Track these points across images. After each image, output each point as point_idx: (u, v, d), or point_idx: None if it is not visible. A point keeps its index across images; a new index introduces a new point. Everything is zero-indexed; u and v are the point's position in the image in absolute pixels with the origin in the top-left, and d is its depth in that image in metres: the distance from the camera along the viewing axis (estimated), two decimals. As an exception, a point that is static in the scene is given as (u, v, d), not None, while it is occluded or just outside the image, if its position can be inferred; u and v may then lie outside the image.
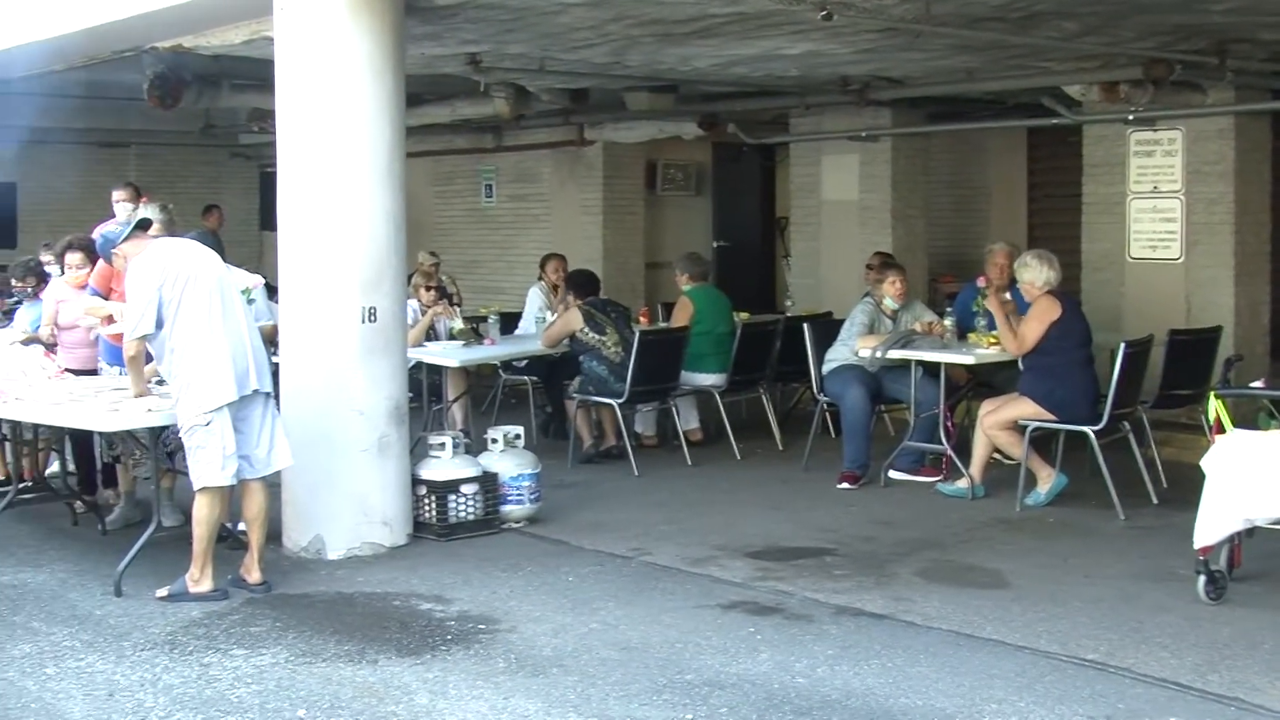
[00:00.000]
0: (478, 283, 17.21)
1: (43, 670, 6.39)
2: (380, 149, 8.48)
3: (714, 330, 11.68)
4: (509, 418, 11.11)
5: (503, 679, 6.22)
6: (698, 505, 9.78)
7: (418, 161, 15.50)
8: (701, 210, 18.24)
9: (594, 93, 14.15)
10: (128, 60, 11.87)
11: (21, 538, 8.91)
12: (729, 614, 7.17)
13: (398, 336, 8.70)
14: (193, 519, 7.42)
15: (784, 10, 9.06)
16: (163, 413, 7.58)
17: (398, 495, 8.58)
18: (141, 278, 7.35)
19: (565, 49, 11.09)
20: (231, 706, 5.92)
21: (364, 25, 8.36)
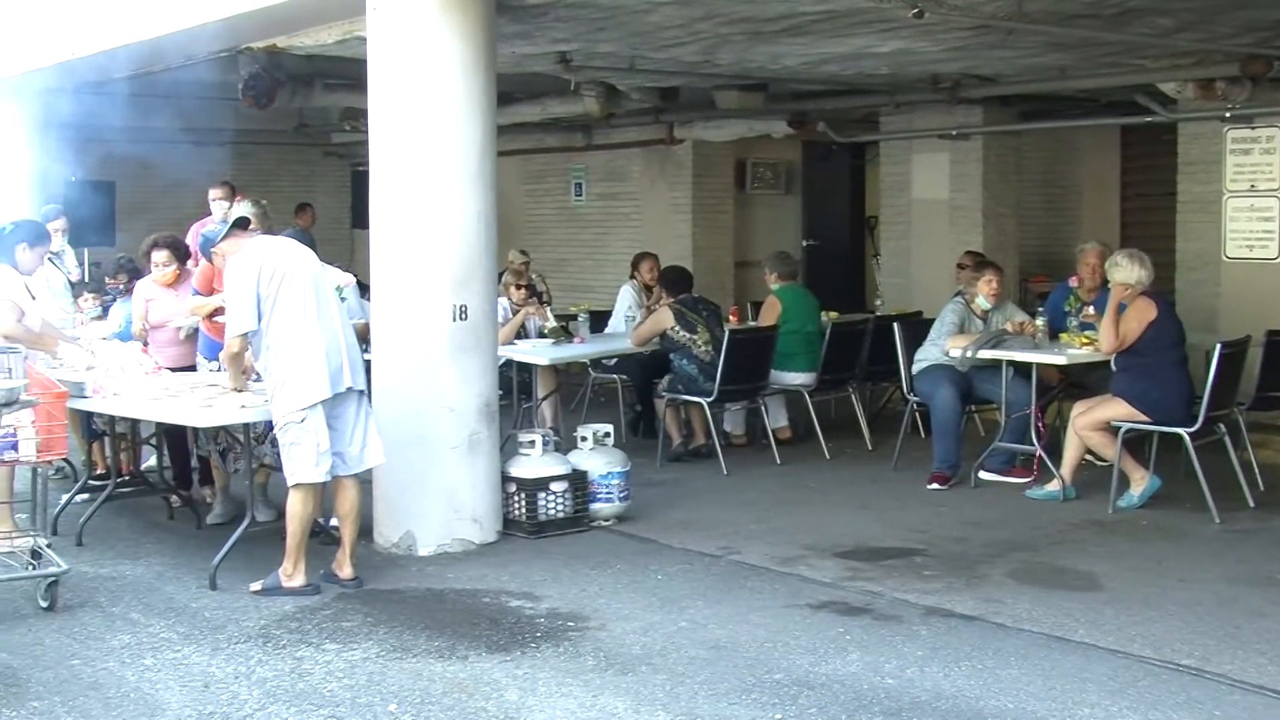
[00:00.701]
0: (567, 281, 17.27)
1: (141, 661, 6.49)
2: (471, 148, 8.53)
3: (803, 329, 11.65)
4: (598, 416, 11.13)
5: (591, 676, 6.24)
6: (786, 504, 9.75)
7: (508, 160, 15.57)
8: (791, 209, 18.20)
9: (684, 91, 14.16)
10: (223, 61, 12.02)
11: (120, 531, 9.05)
12: (818, 614, 7.14)
13: (488, 334, 8.74)
14: (286, 515, 7.49)
15: (874, 7, 9.03)
16: (256, 409, 7.69)
17: (488, 492, 8.62)
18: (239, 275, 7.44)
19: (655, 47, 11.10)
20: (323, 700, 5.98)
21: (455, 25, 8.41)
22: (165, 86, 13.84)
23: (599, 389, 13.16)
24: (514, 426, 10.82)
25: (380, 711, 5.84)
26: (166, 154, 17.84)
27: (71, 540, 8.62)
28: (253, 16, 9.90)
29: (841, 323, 12.12)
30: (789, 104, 14.58)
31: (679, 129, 16.38)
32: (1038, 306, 11.33)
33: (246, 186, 12.37)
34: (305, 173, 20.66)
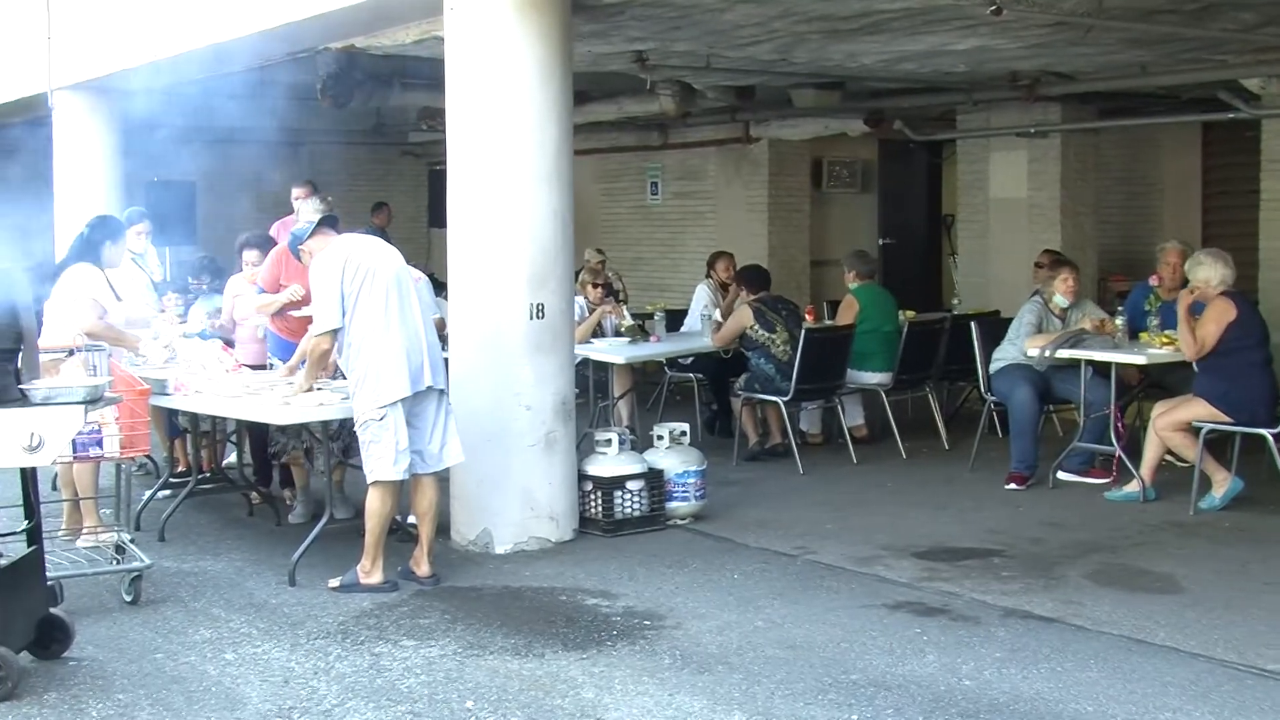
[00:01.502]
0: (643, 280, 17.28)
1: (222, 655, 6.56)
2: (547, 147, 8.56)
3: (880, 328, 11.62)
4: (674, 415, 11.14)
5: (668, 675, 6.24)
6: (863, 504, 9.72)
7: (584, 159, 15.61)
8: (867, 207, 18.12)
9: (760, 90, 14.13)
10: (302, 61, 12.11)
11: (201, 527, 9.16)
12: (895, 614, 7.12)
13: (565, 333, 8.77)
14: (365, 512, 7.55)
15: (953, 5, 8.98)
16: (334, 406, 7.75)
17: (564, 491, 8.65)
18: (324, 273, 7.51)
19: (731, 46, 11.09)
20: (401, 696, 6.02)
21: (531, 25, 8.44)
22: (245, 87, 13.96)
23: (675, 388, 13.16)
24: (590, 425, 10.85)
25: (457, 708, 5.88)
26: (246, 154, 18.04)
27: (154, 536, 8.74)
28: (332, 17, 9.97)
29: (918, 322, 12.06)
30: (865, 102, 14.52)
31: (755, 128, 16.35)
32: (1117, 306, 11.22)
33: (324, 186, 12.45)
34: (382, 172, 20.79)
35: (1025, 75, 12.77)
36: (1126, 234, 16.03)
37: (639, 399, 12.32)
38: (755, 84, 13.68)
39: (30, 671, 6.21)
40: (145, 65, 12.66)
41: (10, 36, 15.57)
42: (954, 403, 12.86)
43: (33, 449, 5.93)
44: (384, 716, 5.79)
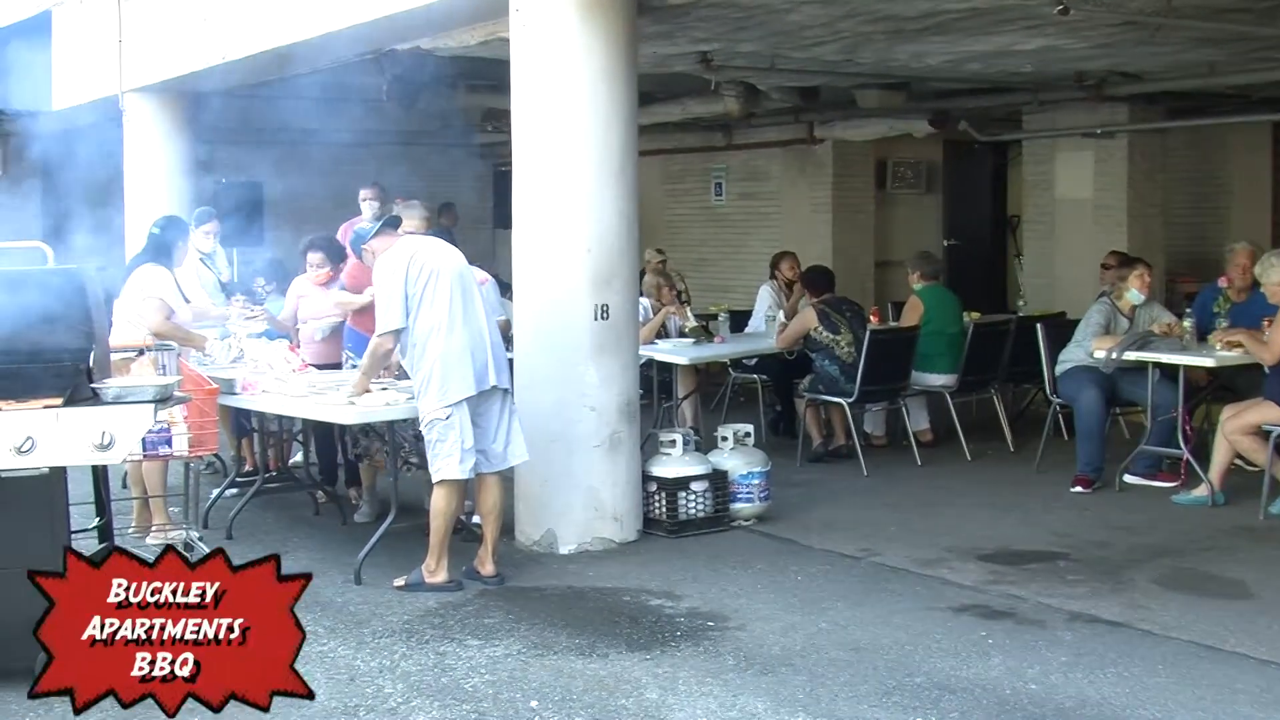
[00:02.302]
0: (707, 281, 17.28)
1: (288, 654, 6.61)
2: (612, 149, 8.57)
3: (944, 330, 11.56)
4: (738, 416, 11.13)
5: (731, 676, 6.24)
6: (927, 506, 9.68)
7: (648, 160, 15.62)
8: (932, 208, 18.05)
9: (824, 90, 14.11)
10: (369, 62, 12.19)
11: (267, 525, 9.24)
12: (960, 617, 7.09)
13: (629, 334, 8.78)
14: (430, 511, 7.58)
15: (1019, 5, 8.95)
16: (399, 406, 7.79)
17: (628, 491, 8.67)
18: (388, 273, 7.56)
19: (796, 47, 11.08)
20: (466, 695, 6.05)
21: (596, 26, 8.45)
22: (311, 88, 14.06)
23: (739, 389, 13.14)
24: (654, 426, 10.86)
25: (522, 708, 5.90)
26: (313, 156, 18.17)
27: (222, 534, 8.81)
28: (398, 19, 10.04)
29: (983, 323, 11.99)
30: (930, 102, 14.47)
31: (819, 128, 16.32)
32: (1185, 307, 11.13)
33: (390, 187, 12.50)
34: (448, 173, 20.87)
35: (1092, 75, 12.69)
36: (1194, 235, 15.88)
37: (703, 400, 12.32)
38: (820, 85, 13.67)
39: (101, 667, 6.28)
40: (214, 67, 12.79)
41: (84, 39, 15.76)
42: (1019, 405, 12.77)
43: (104, 447, 5.99)
44: (449, 715, 5.82)
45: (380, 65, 12.25)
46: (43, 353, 6.33)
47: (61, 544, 6.00)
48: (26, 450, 5.88)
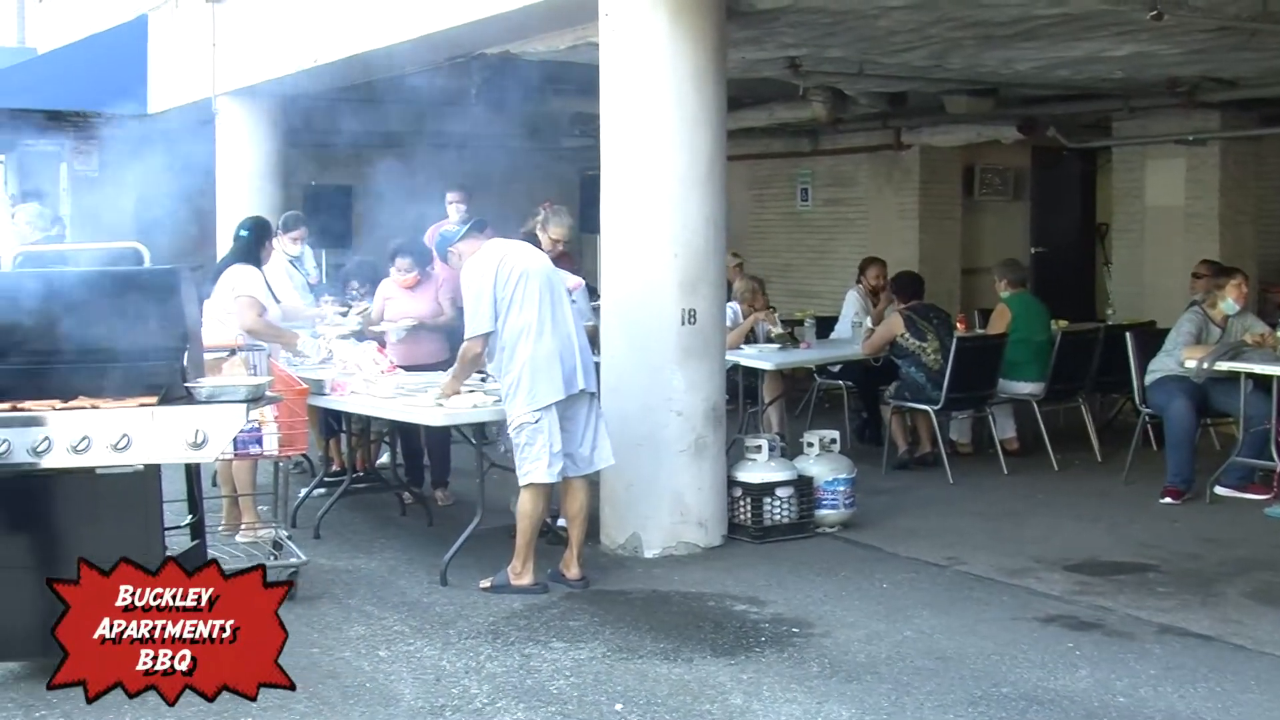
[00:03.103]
0: (792, 286, 17.23)
1: (376, 652, 6.67)
2: (700, 153, 8.58)
3: (1032, 338, 11.47)
4: (824, 422, 11.11)
5: (816, 683, 6.23)
6: (1014, 515, 9.61)
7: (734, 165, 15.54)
8: (1019, 215, 17.89)
9: (912, 96, 14.05)
10: (458, 66, 12.27)
11: (355, 525, 9.32)
12: (1047, 628, 7.03)
13: (716, 339, 8.79)
14: (517, 514, 7.62)
15: (1111, 10, 8.87)
16: (487, 409, 7.83)
17: (714, 496, 8.67)
18: (476, 277, 7.60)
19: (885, 52, 11.04)
20: (551, 697, 6.07)
21: (685, 31, 8.47)
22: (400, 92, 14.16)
23: (824, 395, 13.11)
24: (740, 431, 10.84)
25: (606, 710, 5.92)
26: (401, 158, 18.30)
27: (310, 533, 8.91)
28: (488, 23, 10.11)
29: (1071, 331, 11.89)
30: (1019, 109, 14.36)
31: (906, 134, 16.24)
32: (1278, 318, 10.98)
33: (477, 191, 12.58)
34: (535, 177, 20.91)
35: (1184, 81, 12.54)
36: (1289, 244, 15.66)
37: (788, 406, 12.31)
38: (908, 90, 13.60)
39: (192, 663, 6.37)
40: (305, 71, 12.92)
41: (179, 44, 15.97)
42: (1107, 414, 12.65)
43: (197, 446, 6.07)
44: (534, 717, 5.85)
45: (469, 69, 12.33)
46: (139, 352, 6.42)
47: (156, 540, 6.12)
48: (123, 448, 5.97)
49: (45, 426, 5.93)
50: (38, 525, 6.00)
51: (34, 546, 5.95)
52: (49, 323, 6.17)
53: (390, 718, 5.86)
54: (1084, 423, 11.79)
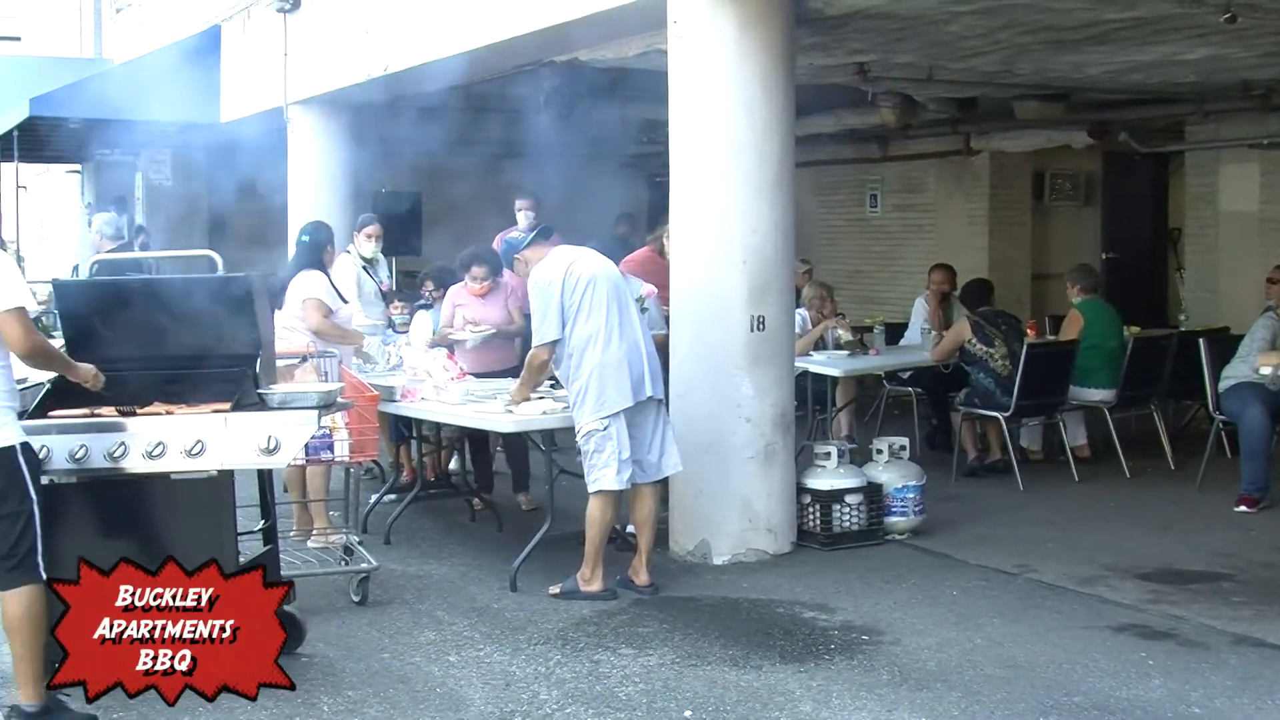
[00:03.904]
0: (861, 293, 17.18)
1: (445, 658, 6.71)
2: (769, 160, 8.58)
3: (1104, 344, 11.38)
4: (893, 428, 11.06)
5: (886, 691, 6.21)
6: (1085, 523, 9.54)
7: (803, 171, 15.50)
8: (1090, 221, 17.76)
9: (982, 101, 13.97)
10: (527, 74, 12.32)
11: (425, 531, 9.37)
12: (1119, 637, 6.97)
13: (785, 345, 8.78)
14: (586, 520, 7.63)
15: (1183, 13, 8.80)
16: (556, 415, 7.86)
17: (783, 503, 8.65)
18: (543, 284, 7.62)
19: (954, 58, 11.00)
20: (620, 704, 6.08)
21: (754, 37, 8.47)
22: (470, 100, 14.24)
23: (894, 401, 13.06)
24: (809, 438, 10.82)
25: (675, 717, 5.92)
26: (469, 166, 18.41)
27: (380, 539, 8.96)
28: (556, 31, 10.15)
29: (1144, 338, 11.79)
30: (1090, 113, 14.27)
31: (976, 140, 16.16)
32: (1355, 323, 10.84)
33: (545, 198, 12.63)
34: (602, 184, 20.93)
35: (1259, 85, 12.42)
36: (1365, 249, 15.46)
37: (857, 412, 12.27)
38: (977, 95, 13.54)
39: (265, 667, 6.43)
40: (376, 79, 13.01)
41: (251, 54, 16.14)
42: (1180, 421, 12.53)
43: (269, 451, 6.12)
44: (604, 723, 5.88)
45: (538, 76, 12.38)
46: (212, 358, 6.50)
47: (230, 545, 6.17)
48: (197, 453, 6.03)
49: (122, 432, 6.00)
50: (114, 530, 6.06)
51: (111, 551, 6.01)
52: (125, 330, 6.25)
53: (460, 723, 5.91)
54: (1156, 430, 11.67)
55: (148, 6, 21.57)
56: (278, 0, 14.90)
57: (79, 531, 5.89)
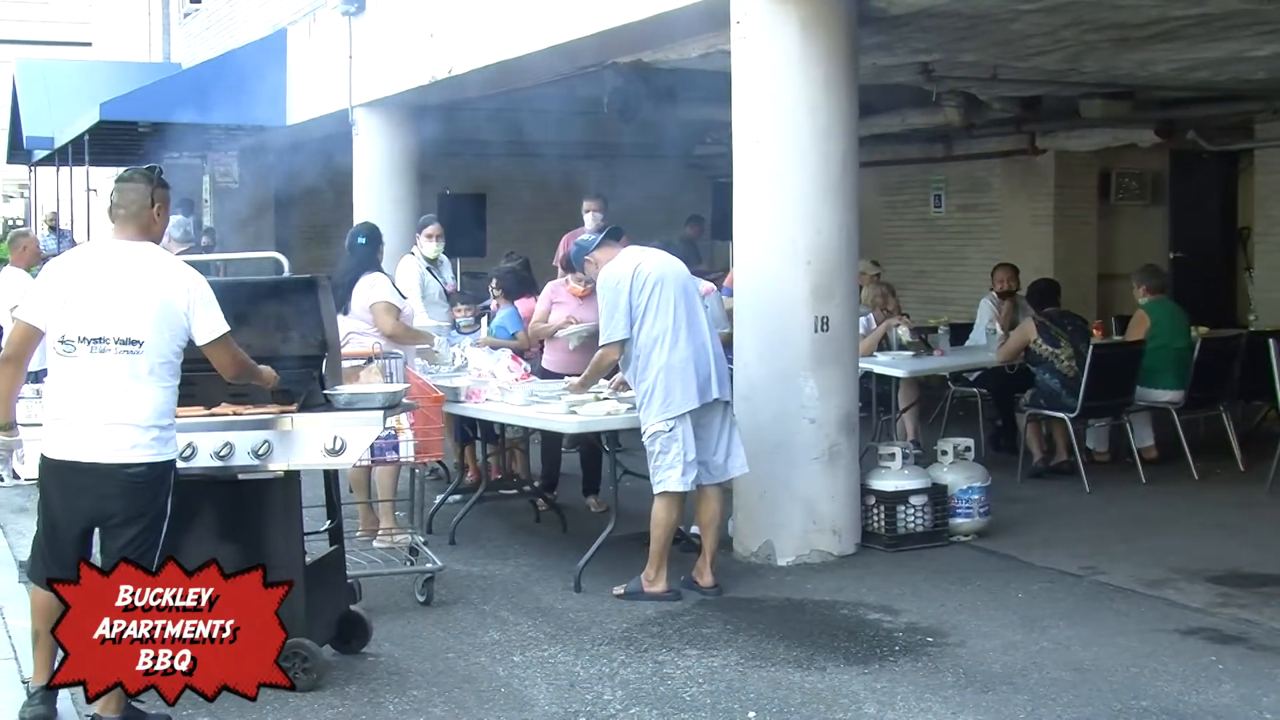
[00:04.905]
0: (925, 293, 17.11)
1: (510, 658, 6.74)
2: (833, 160, 8.56)
3: (1171, 345, 11.27)
4: (958, 429, 10.99)
5: (951, 693, 6.18)
6: (1152, 525, 9.45)
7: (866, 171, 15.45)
8: (1157, 220, 17.59)
9: (1046, 100, 13.87)
10: (589, 76, 12.35)
11: (489, 532, 9.40)
12: (1188, 640, 6.91)
13: (849, 346, 8.76)
14: (651, 522, 7.64)
15: (1252, 9, 8.72)
16: (621, 416, 7.87)
17: (847, 504, 8.63)
18: (611, 284, 7.63)
19: (1018, 56, 10.93)
20: (684, 705, 6.09)
21: (817, 38, 8.45)
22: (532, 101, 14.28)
23: (958, 402, 13.00)
24: (873, 439, 10.78)
25: (739, 718, 5.92)
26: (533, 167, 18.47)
27: (445, 539, 8.99)
28: (620, 32, 10.17)
29: (1212, 338, 11.67)
30: (1157, 111, 14.14)
31: (1041, 139, 16.04)
32: None
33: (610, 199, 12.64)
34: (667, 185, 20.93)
35: (1330, 82, 12.28)
36: None
37: (922, 413, 12.22)
38: (1042, 94, 13.45)
39: (332, 665, 6.48)
40: (440, 81, 13.08)
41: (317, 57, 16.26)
42: (1250, 423, 12.39)
43: (335, 452, 6.16)
44: (668, 724, 5.88)
45: (601, 78, 12.40)
46: (279, 359, 6.54)
47: (296, 545, 6.22)
48: (264, 454, 6.08)
49: (190, 433, 6.06)
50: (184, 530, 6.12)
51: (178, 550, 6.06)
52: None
53: (524, 724, 5.93)
54: (1225, 431, 11.55)
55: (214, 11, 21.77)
56: (343, 4, 15.01)
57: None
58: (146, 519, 5.54)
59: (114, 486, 5.50)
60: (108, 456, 5.47)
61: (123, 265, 5.59)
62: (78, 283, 5.58)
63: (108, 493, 5.50)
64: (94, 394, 5.50)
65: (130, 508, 5.52)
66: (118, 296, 5.52)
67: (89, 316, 5.50)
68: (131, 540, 5.51)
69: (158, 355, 5.53)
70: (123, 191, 5.71)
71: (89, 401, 5.50)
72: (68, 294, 5.56)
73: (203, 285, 5.67)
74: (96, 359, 5.50)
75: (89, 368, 5.50)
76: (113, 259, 5.63)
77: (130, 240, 5.66)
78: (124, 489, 5.50)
